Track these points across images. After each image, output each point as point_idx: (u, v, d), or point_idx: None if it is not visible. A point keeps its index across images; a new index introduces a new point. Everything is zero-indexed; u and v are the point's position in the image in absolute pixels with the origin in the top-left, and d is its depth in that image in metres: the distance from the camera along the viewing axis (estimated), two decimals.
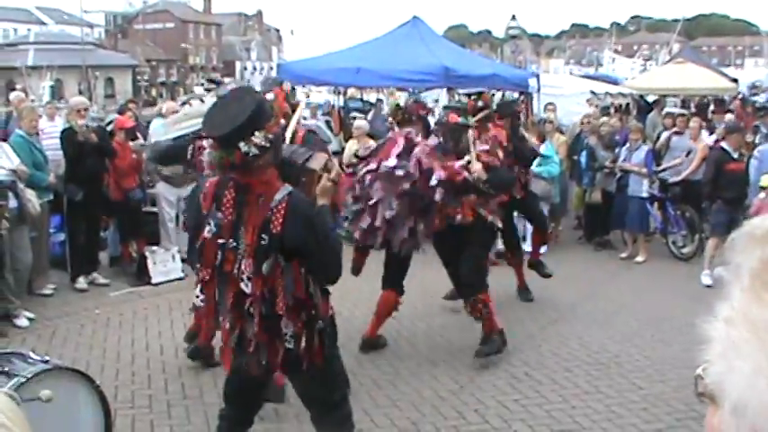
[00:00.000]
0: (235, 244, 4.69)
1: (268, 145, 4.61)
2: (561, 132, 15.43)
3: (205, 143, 5.04)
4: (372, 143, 14.02)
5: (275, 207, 4.62)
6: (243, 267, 4.67)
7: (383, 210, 7.71)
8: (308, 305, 4.83)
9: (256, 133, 4.56)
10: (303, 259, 4.72)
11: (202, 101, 8.62)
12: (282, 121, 4.79)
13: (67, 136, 11.00)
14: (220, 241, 4.72)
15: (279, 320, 4.73)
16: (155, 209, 12.62)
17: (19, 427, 0.72)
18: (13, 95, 16.96)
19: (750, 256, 0.83)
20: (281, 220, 4.60)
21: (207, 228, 4.76)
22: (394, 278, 8.60)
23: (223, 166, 4.66)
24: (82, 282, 11.13)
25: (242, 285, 4.68)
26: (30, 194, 9.95)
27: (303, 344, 4.80)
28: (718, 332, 0.83)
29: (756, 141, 15.07)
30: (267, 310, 4.70)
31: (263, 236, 4.61)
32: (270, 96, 4.82)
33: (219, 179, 4.88)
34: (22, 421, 0.72)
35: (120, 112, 14.60)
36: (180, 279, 11.57)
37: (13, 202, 9.54)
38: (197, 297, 4.98)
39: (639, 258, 13.09)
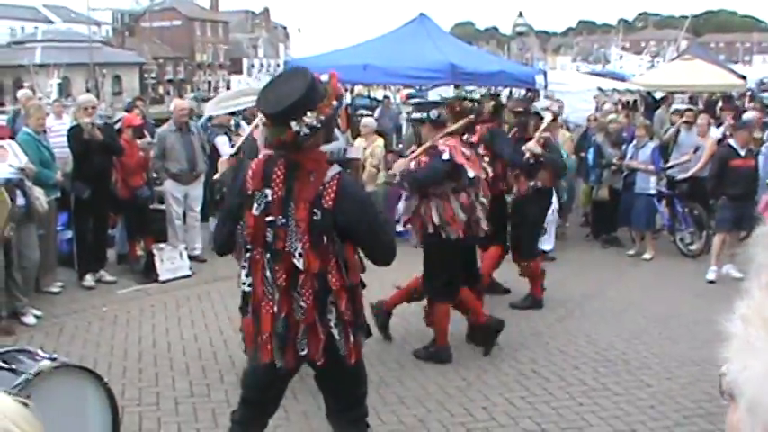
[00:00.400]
0: (284, 221, 4.66)
1: (319, 125, 4.61)
2: (568, 129, 15.41)
3: (258, 120, 5.05)
4: (380, 141, 14.08)
5: (327, 183, 4.61)
6: (295, 243, 4.66)
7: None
8: (356, 293, 4.84)
9: (308, 113, 4.57)
10: (355, 242, 4.74)
11: None
12: (335, 103, 4.79)
13: (74, 134, 11.01)
14: (269, 219, 4.70)
15: (328, 301, 4.72)
16: (162, 206, 12.64)
17: None
18: (20, 93, 17.02)
19: None
20: (332, 196, 4.59)
21: (255, 206, 4.73)
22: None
23: (275, 143, 4.68)
24: (89, 279, 11.14)
25: (294, 261, 4.65)
26: (37, 192, 9.95)
27: (350, 335, 4.81)
28: (736, 329, 0.82)
29: (765, 138, 15.06)
30: (320, 286, 4.68)
31: (315, 210, 4.59)
32: (324, 77, 4.81)
33: (268, 157, 4.89)
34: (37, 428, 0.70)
35: (128, 110, 14.62)
36: (187, 276, 11.58)
37: (20, 200, 9.55)
38: (243, 283, 4.94)
39: (647, 255, 13.07)
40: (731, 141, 12.25)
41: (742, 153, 11.82)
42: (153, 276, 11.53)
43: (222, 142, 12.76)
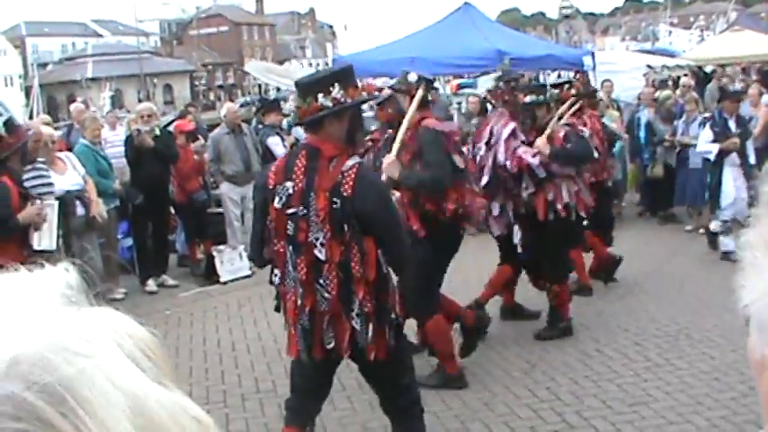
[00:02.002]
0: (305, 211, 4.74)
1: (345, 102, 4.74)
2: (619, 109, 15.31)
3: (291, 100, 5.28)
4: None
5: (346, 171, 4.70)
6: (317, 233, 4.72)
7: None
8: (381, 288, 4.89)
9: (336, 85, 4.69)
10: (373, 233, 4.78)
11: None
12: (364, 94, 5.04)
13: (129, 141, 11.23)
14: (290, 211, 4.78)
15: (352, 292, 4.77)
16: (220, 209, 12.76)
17: (159, 359, 0.71)
18: (73, 107, 17.26)
19: None
20: (351, 184, 4.66)
21: (277, 199, 4.82)
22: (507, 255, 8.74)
23: (299, 115, 4.82)
24: (152, 284, 11.32)
25: (316, 252, 4.72)
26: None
27: (371, 329, 4.84)
28: (745, 257, 0.87)
29: None
30: (344, 276, 4.73)
31: (335, 199, 4.66)
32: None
33: (291, 152, 5.04)
34: (164, 357, 0.72)
35: (182, 117, 14.80)
36: (248, 276, 11.71)
37: (80, 211, 9.72)
38: (274, 276, 5.03)
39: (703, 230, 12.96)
40: None
41: None
42: (214, 278, 11.69)
43: (275, 143, 12.86)
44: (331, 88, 4.71)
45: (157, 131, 11.44)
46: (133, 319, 0.72)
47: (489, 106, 12.30)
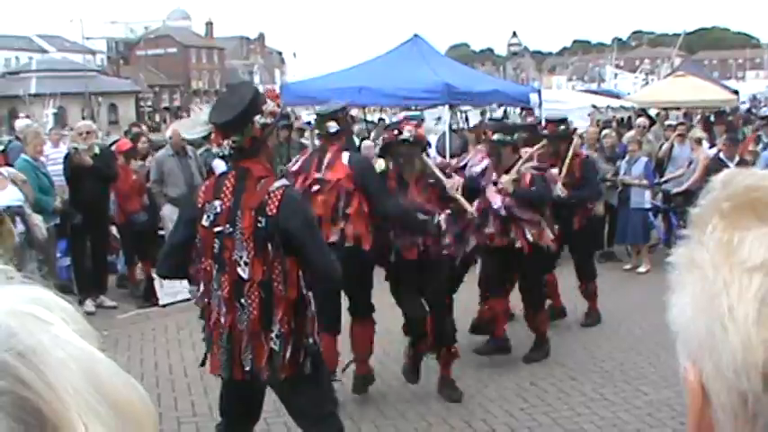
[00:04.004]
0: (231, 230, 4.79)
1: (278, 115, 4.97)
2: None
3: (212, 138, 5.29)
4: (381, 162, 14.15)
5: (273, 192, 4.77)
6: (241, 252, 4.77)
7: None
8: (301, 310, 4.91)
9: (260, 115, 4.82)
10: (299, 257, 4.83)
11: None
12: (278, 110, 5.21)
13: (68, 160, 11.10)
14: (217, 229, 4.83)
15: (272, 312, 4.79)
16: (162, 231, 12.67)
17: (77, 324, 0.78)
18: (20, 123, 17.04)
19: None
20: (276, 203, 4.73)
21: (204, 217, 4.87)
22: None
23: (244, 145, 4.82)
24: (89, 305, 11.17)
25: (239, 271, 4.77)
26: (36, 219, 10.02)
27: (289, 350, 4.85)
28: (672, 278, 0.92)
29: (759, 150, 15.18)
30: (265, 296, 4.77)
31: (260, 218, 4.72)
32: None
33: (220, 174, 5.08)
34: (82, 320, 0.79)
35: (134, 138, 14.62)
36: (187, 300, 11.62)
37: (20, 227, 9.62)
38: (197, 291, 5.11)
39: (642, 269, 13.15)
40: (720, 154, 12.39)
41: (731, 165, 11.91)
42: (153, 300, 11.59)
43: (218, 165, 12.84)
44: (263, 106, 4.82)
45: (97, 150, 11.32)
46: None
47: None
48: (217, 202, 4.85)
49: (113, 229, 12.34)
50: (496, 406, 7.56)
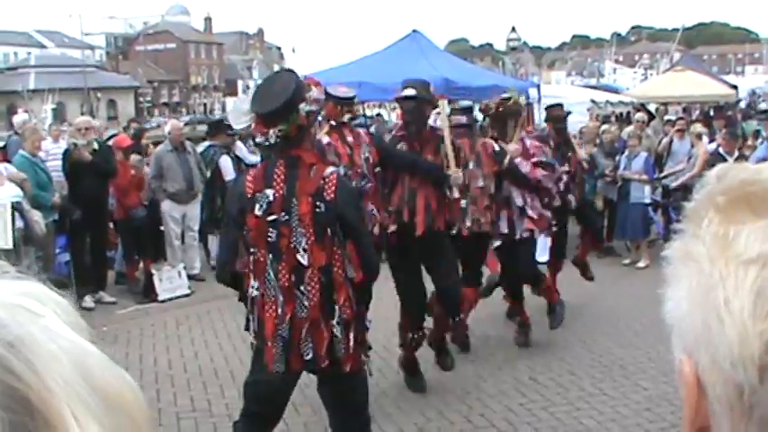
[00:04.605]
0: (287, 217, 4.76)
1: (316, 108, 4.96)
2: None
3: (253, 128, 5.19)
4: None
5: (327, 176, 4.76)
6: (300, 238, 4.74)
7: None
8: (361, 297, 4.92)
9: (303, 104, 4.82)
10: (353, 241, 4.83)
11: None
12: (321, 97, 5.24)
13: (67, 155, 11.08)
14: (271, 218, 4.78)
15: (332, 298, 4.79)
16: (161, 227, 12.67)
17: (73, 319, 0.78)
18: (17, 118, 17.00)
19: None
20: (333, 188, 4.72)
21: (257, 207, 4.82)
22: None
23: (290, 133, 4.79)
24: (88, 300, 11.16)
25: (299, 257, 4.74)
26: (35, 215, 10.03)
27: (351, 337, 4.86)
28: (668, 270, 0.92)
29: (757, 145, 15.20)
30: (326, 281, 4.75)
31: (319, 203, 4.70)
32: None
33: (267, 162, 5.04)
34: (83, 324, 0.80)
35: (137, 134, 14.61)
36: (186, 295, 11.65)
37: (19, 223, 9.62)
38: (252, 288, 4.97)
39: (642, 264, 13.15)
40: (720, 149, 12.39)
41: (730, 160, 11.92)
42: (152, 296, 11.60)
43: (226, 161, 12.87)
44: (307, 95, 4.82)
45: (96, 145, 11.31)
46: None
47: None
48: (269, 191, 4.81)
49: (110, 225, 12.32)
50: (495, 401, 7.56)
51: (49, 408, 0.65)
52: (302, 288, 4.78)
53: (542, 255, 11.16)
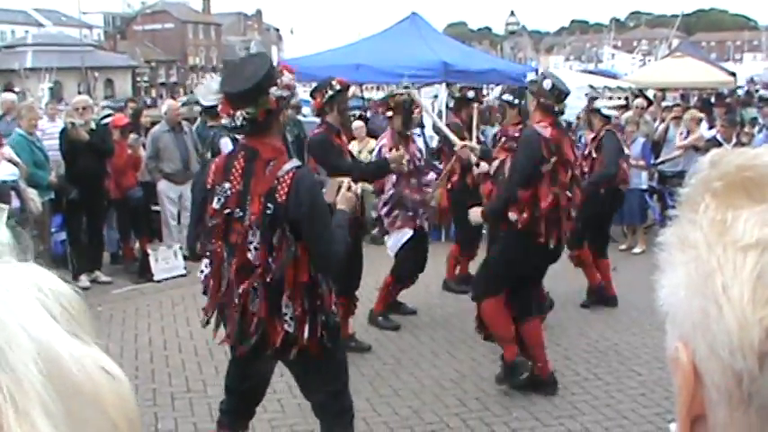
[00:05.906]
0: (241, 214, 4.73)
1: (287, 94, 4.84)
2: None
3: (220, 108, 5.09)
4: (373, 143, 14.18)
5: (282, 177, 4.68)
6: (251, 237, 4.73)
7: None
8: (313, 292, 4.88)
9: (274, 88, 4.72)
10: (306, 240, 4.76)
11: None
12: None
13: (64, 135, 11.05)
14: (227, 212, 4.77)
15: (283, 296, 4.74)
16: (157, 207, 12.66)
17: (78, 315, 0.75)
18: (3, 97, 16.57)
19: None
20: (285, 190, 4.64)
21: (215, 200, 4.81)
22: None
23: (257, 117, 4.71)
24: (84, 280, 11.15)
25: (248, 255, 4.71)
26: (31, 194, 10.02)
27: (306, 332, 4.82)
28: (663, 257, 0.91)
29: (755, 133, 15.22)
30: (273, 280, 4.71)
31: (269, 205, 4.65)
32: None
33: (229, 153, 5.02)
34: (84, 313, 0.78)
35: (136, 114, 14.58)
36: (182, 276, 11.64)
37: (15, 202, 9.61)
38: (201, 271, 5.06)
39: (638, 249, 13.18)
40: (718, 136, 12.38)
41: (728, 146, 11.91)
42: (148, 276, 11.59)
43: (226, 144, 12.84)
44: (279, 78, 4.76)
45: (93, 125, 11.28)
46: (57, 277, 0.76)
47: None
48: (227, 185, 4.79)
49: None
50: (491, 385, 7.56)
51: None
52: (254, 284, 4.76)
53: None
